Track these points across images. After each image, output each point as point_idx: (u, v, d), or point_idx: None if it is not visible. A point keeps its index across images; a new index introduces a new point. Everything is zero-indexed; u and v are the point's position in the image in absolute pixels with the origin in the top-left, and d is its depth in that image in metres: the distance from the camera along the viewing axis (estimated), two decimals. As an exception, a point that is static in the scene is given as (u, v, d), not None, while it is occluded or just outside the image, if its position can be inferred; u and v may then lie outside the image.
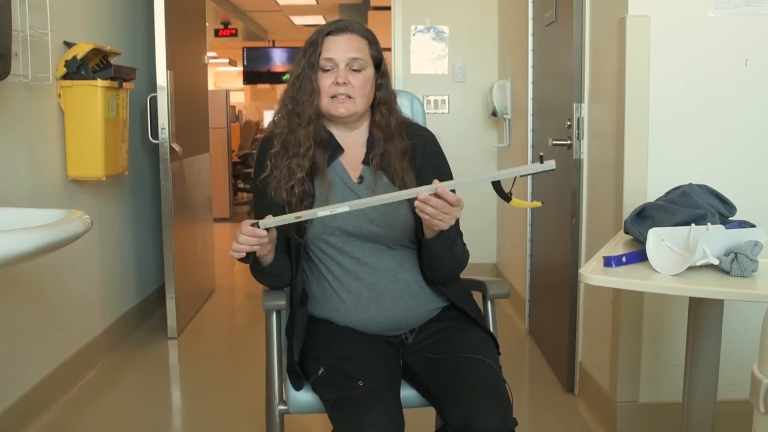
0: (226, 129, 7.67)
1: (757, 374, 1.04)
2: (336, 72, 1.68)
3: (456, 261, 1.70)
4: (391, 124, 1.74)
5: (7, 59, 2.30)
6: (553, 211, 3.16)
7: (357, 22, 1.75)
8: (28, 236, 1.46)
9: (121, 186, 3.63)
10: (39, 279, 2.77)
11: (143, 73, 3.73)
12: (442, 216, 1.49)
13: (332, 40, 1.70)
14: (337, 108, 1.69)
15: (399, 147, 1.72)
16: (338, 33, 1.70)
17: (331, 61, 1.68)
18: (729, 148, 2.37)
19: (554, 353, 3.16)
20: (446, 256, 1.66)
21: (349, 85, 1.68)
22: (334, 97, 1.68)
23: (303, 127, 1.70)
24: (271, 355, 1.77)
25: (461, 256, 1.71)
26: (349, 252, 1.69)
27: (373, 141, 1.75)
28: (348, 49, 1.68)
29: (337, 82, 1.67)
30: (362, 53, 1.70)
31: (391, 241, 1.70)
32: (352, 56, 1.68)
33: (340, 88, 1.67)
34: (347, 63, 1.68)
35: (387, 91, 1.76)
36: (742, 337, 2.23)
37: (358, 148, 1.76)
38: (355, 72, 1.68)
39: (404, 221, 1.69)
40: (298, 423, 2.55)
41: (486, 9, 4.63)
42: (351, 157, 1.75)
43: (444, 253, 1.65)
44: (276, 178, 1.69)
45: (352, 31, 1.71)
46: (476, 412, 1.46)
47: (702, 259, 1.52)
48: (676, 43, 2.33)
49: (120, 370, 3.24)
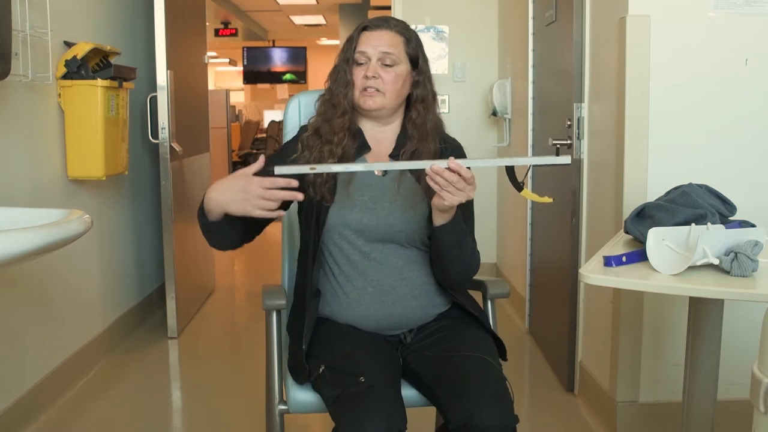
0: (227, 129, 7.67)
1: (757, 374, 1.04)
2: (368, 65, 1.70)
3: (466, 261, 1.68)
4: (427, 124, 1.75)
5: (7, 59, 2.30)
6: (553, 211, 3.16)
7: (397, 20, 1.77)
8: (28, 236, 1.46)
9: (121, 186, 3.63)
10: (39, 279, 2.77)
11: (143, 73, 3.73)
12: (453, 190, 1.48)
13: (367, 35, 1.72)
14: (366, 101, 1.71)
15: (431, 148, 1.73)
16: (374, 29, 1.73)
17: (363, 54, 1.71)
18: (729, 147, 2.37)
19: (554, 353, 3.16)
20: (455, 253, 1.64)
21: (379, 79, 1.69)
22: (364, 89, 1.70)
23: (338, 116, 1.72)
24: (271, 355, 1.77)
25: (471, 257, 1.70)
26: (359, 246, 1.69)
27: (405, 137, 1.76)
28: (380, 44, 1.71)
29: (367, 75, 1.69)
30: (396, 49, 1.71)
31: (404, 238, 1.70)
32: (384, 51, 1.70)
33: (370, 81, 1.69)
34: (379, 57, 1.70)
35: (425, 89, 1.76)
36: (742, 337, 2.23)
37: (387, 143, 1.77)
38: (386, 67, 1.71)
39: (421, 217, 1.69)
40: (298, 423, 2.55)
41: (486, 9, 4.63)
42: (378, 151, 1.76)
43: (452, 248, 1.63)
44: (305, 158, 1.71)
45: (388, 28, 1.73)
46: (478, 410, 1.46)
47: (702, 259, 1.52)
48: (676, 42, 2.33)
49: (120, 370, 3.24)
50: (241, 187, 1.52)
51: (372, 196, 1.70)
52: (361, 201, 1.69)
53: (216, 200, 1.56)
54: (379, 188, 1.72)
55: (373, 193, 1.71)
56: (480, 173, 1.88)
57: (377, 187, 1.72)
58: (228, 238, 1.66)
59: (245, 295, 4.87)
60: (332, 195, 1.69)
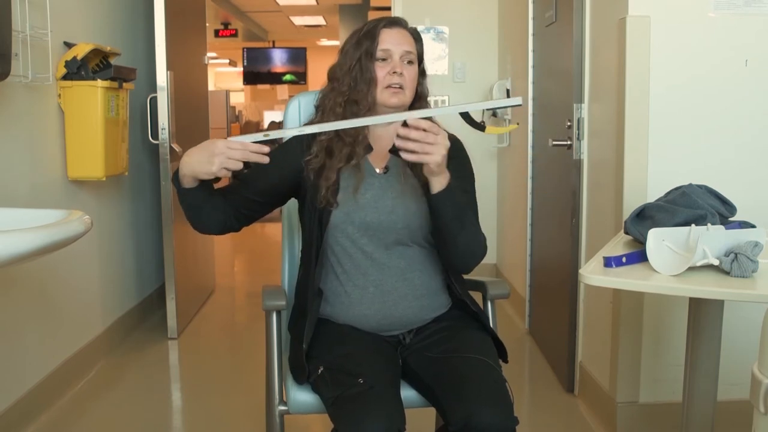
0: (226, 129, 7.67)
1: (757, 374, 1.04)
2: (391, 63, 1.71)
3: (469, 236, 1.65)
4: None
5: (7, 59, 2.30)
6: (553, 211, 3.16)
7: (405, 20, 1.80)
8: (28, 237, 1.46)
9: (121, 186, 3.63)
10: (39, 279, 2.77)
11: (143, 74, 3.73)
12: (428, 148, 1.49)
13: (388, 32, 1.74)
14: (390, 98, 1.71)
15: None
16: (394, 26, 1.75)
17: (387, 52, 1.72)
18: (729, 147, 2.37)
19: (554, 353, 3.16)
20: (455, 226, 1.62)
21: (402, 76, 1.71)
22: (388, 86, 1.71)
23: (363, 114, 1.71)
24: (271, 355, 1.77)
25: (475, 235, 1.68)
26: (362, 245, 1.70)
27: None
28: (402, 42, 1.73)
29: (395, 71, 1.70)
30: (413, 48, 1.75)
31: (407, 234, 1.70)
32: (406, 49, 1.73)
33: (396, 78, 1.70)
34: (401, 55, 1.72)
35: (424, 88, 1.80)
36: (742, 337, 2.23)
37: (387, 139, 1.77)
38: (408, 64, 1.73)
39: (424, 214, 1.69)
40: (298, 423, 2.55)
41: (486, 9, 4.63)
42: (380, 149, 1.76)
43: (452, 221, 1.61)
44: (318, 163, 1.70)
45: (405, 28, 1.77)
46: (477, 411, 1.47)
47: (702, 260, 1.52)
48: (676, 42, 2.33)
49: (120, 371, 3.24)
50: (208, 147, 1.54)
51: (374, 195, 1.71)
52: (364, 199, 1.70)
53: (184, 161, 1.58)
54: (381, 186, 1.72)
55: (376, 192, 1.71)
56: (481, 174, 1.89)
57: (379, 186, 1.72)
58: (204, 213, 1.67)
59: (245, 296, 4.87)
60: (335, 198, 1.69)
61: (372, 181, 1.73)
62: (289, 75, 12.41)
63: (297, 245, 1.98)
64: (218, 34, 10.67)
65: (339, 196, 1.69)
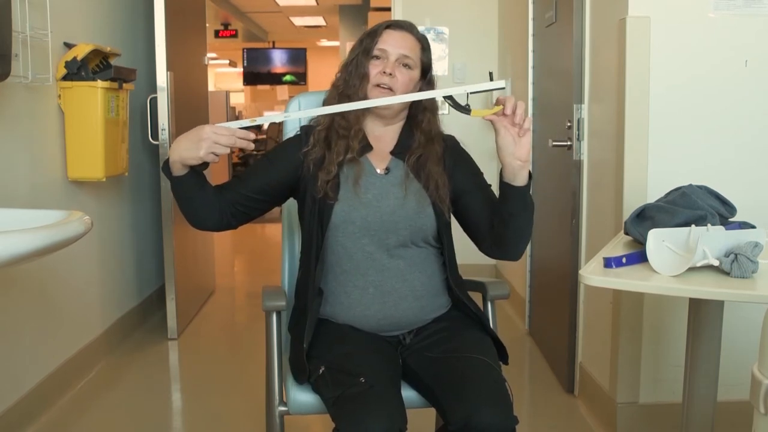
0: (227, 129, 7.66)
1: (757, 375, 1.04)
2: (385, 62, 1.72)
3: (531, 226, 1.71)
4: (433, 130, 1.79)
5: (7, 60, 2.30)
6: (553, 212, 3.16)
7: (415, 26, 1.80)
8: (28, 237, 1.46)
9: (121, 187, 3.63)
10: (39, 279, 2.77)
11: (143, 74, 3.73)
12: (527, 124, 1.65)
13: (390, 33, 1.74)
14: (377, 96, 1.71)
15: (437, 150, 1.77)
16: (397, 29, 1.75)
17: (383, 51, 1.72)
18: (729, 147, 2.37)
19: (554, 354, 3.16)
20: (527, 217, 1.68)
21: (394, 78, 1.71)
22: (377, 85, 1.71)
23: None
24: (271, 356, 1.77)
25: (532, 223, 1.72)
26: (363, 246, 1.70)
27: (408, 138, 1.77)
28: (402, 45, 1.73)
29: (384, 71, 1.70)
30: (414, 54, 1.74)
31: (409, 235, 1.71)
32: (403, 53, 1.72)
33: (385, 78, 1.70)
34: (398, 58, 1.72)
35: (430, 100, 1.79)
36: (742, 337, 2.23)
37: (388, 141, 1.78)
38: (403, 68, 1.72)
39: (426, 215, 1.70)
40: (298, 423, 2.55)
41: (486, 10, 4.64)
42: (380, 149, 1.77)
43: (525, 211, 1.67)
44: (315, 153, 1.72)
45: (410, 32, 1.76)
46: (477, 411, 1.47)
47: (702, 260, 1.52)
48: (676, 43, 2.33)
49: (120, 371, 3.24)
50: (196, 132, 1.55)
51: (376, 195, 1.71)
52: (366, 199, 1.70)
53: (173, 147, 1.58)
54: (383, 187, 1.72)
55: (377, 192, 1.71)
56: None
57: (380, 186, 1.72)
58: (197, 203, 1.68)
59: (245, 296, 4.87)
60: (335, 193, 1.69)
61: (373, 181, 1.73)
62: (289, 75, 12.41)
63: (297, 245, 1.98)
64: (218, 35, 10.67)
65: (340, 192, 1.70)
